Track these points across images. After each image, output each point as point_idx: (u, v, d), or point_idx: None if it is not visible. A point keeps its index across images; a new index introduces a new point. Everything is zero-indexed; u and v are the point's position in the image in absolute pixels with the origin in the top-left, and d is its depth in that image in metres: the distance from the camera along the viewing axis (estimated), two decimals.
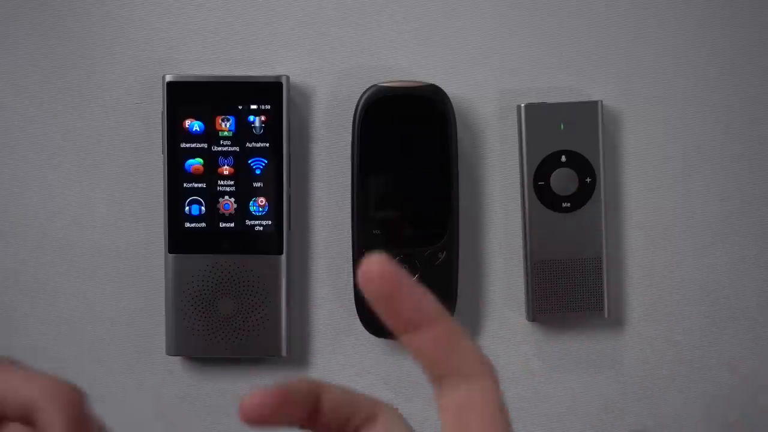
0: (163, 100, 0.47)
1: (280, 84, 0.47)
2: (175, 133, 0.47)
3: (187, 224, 0.47)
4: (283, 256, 0.48)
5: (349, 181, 0.48)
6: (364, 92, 0.47)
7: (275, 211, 0.47)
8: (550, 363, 0.50)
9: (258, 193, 0.47)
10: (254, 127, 0.47)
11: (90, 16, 0.50)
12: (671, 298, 0.50)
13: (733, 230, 0.50)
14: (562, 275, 0.49)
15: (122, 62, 0.50)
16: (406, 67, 0.49)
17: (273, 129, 0.47)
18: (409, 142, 0.47)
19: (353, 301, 0.48)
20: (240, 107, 0.47)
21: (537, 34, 0.50)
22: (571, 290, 0.49)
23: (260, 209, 0.47)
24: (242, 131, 0.47)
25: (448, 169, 0.47)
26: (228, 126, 0.47)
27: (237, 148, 0.47)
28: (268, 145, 0.47)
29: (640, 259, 0.50)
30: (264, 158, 0.47)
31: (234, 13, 0.50)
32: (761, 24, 0.50)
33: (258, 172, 0.47)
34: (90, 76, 0.50)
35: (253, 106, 0.47)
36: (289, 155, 0.48)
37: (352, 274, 0.48)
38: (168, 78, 0.47)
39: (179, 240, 0.47)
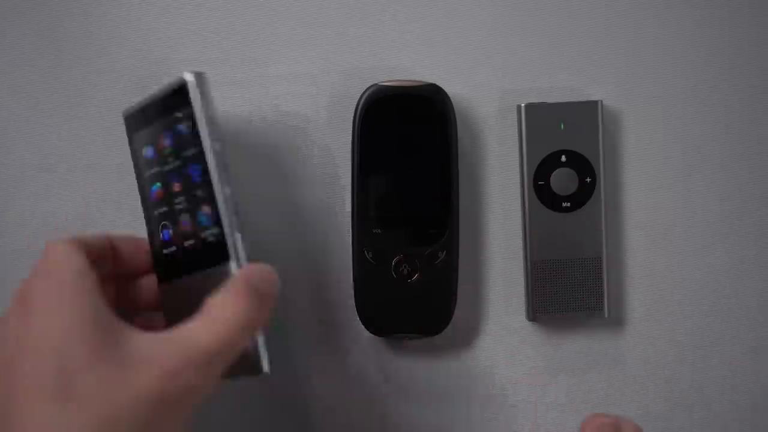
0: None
1: (184, 85, 0.41)
2: (138, 162, 0.44)
3: (165, 250, 0.43)
4: (233, 263, 0.40)
5: (350, 181, 0.48)
6: (365, 91, 0.47)
7: (216, 215, 0.41)
8: (550, 363, 0.50)
9: (202, 201, 0.41)
10: (184, 135, 0.42)
11: (87, 15, 0.50)
12: (672, 298, 0.50)
13: (733, 230, 0.50)
14: (562, 275, 0.49)
15: (119, 62, 0.50)
16: (407, 66, 0.49)
17: (195, 130, 0.41)
18: (409, 141, 0.47)
19: (353, 300, 0.48)
20: (169, 119, 0.42)
21: (538, 34, 0.50)
22: (571, 290, 0.49)
23: (206, 218, 0.41)
24: (179, 143, 0.42)
25: (449, 168, 0.47)
26: (168, 143, 0.43)
27: (179, 162, 0.42)
28: (198, 148, 0.41)
29: (640, 259, 0.51)
30: (198, 163, 0.41)
31: (234, 13, 0.50)
32: (761, 24, 0.50)
33: (197, 180, 0.42)
34: (86, 76, 0.50)
35: (178, 115, 0.42)
36: (218, 150, 0.41)
37: (352, 274, 0.48)
38: (125, 112, 0.45)
39: (162, 268, 0.44)
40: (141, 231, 0.49)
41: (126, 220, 0.50)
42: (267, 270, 0.38)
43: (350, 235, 0.48)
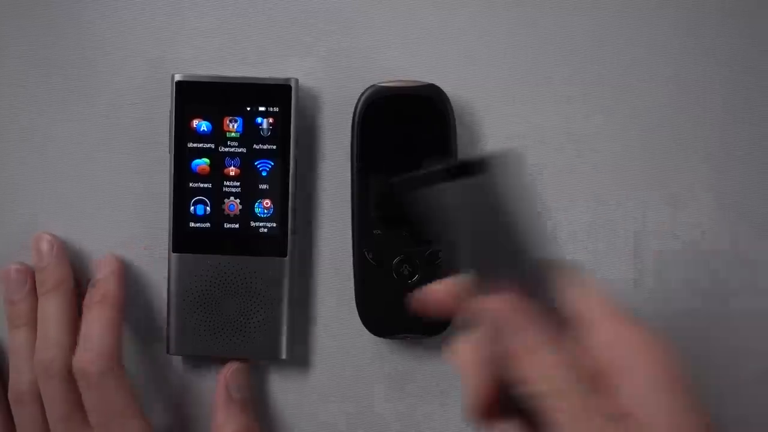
0: (172, 100, 0.47)
1: (289, 87, 0.47)
2: (182, 132, 0.47)
3: (192, 224, 0.48)
4: (287, 259, 0.48)
5: (349, 182, 0.48)
6: (363, 92, 0.47)
7: (280, 213, 0.48)
8: None
9: (263, 195, 0.48)
10: (262, 129, 0.47)
11: (93, 14, 0.50)
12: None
13: None
14: None
15: (129, 60, 0.50)
16: (408, 67, 0.50)
17: (280, 131, 0.47)
18: (408, 141, 0.47)
19: (354, 301, 0.48)
20: (248, 108, 0.47)
21: (538, 34, 0.50)
22: None
23: (265, 211, 0.48)
24: (250, 133, 0.47)
25: None
26: (235, 127, 0.47)
27: (244, 150, 0.47)
28: (275, 147, 0.47)
29: None
30: (271, 160, 0.47)
31: (235, 14, 0.50)
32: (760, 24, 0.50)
33: (264, 174, 0.47)
34: (95, 74, 0.50)
35: (261, 108, 0.47)
36: (296, 158, 0.48)
37: (353, 274, 0.48)
38: (177, 77, 0.47)
39: (183, 239, 0.48)
40: (147, 228, 0.50)
41: (130, 220, 0.50)
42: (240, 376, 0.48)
43: (350, 235, 0.48)
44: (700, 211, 0.50)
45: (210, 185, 0.47)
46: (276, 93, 0.47)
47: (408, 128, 0.47)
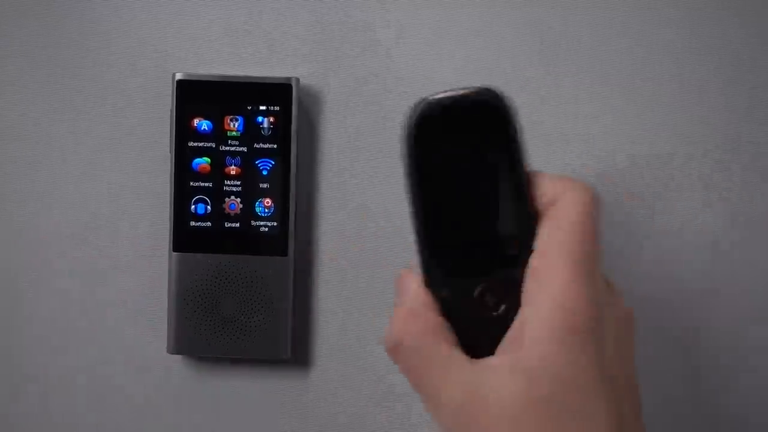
0: (173, 99, 0.47)
1: (290, 86, 0.47)
2: (183, 131, 0.47)
3: (193, 223, 0.48)
4: (288, 258, 0.48)
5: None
6: (413, 109, 0.33)
7: (281, 212, 0.48)
8: None
9: (264, 194, 0.48)
10: (262, 128, 0.47)
11: (96, 14, 0.50)
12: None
13: None
14: None
15: (131, 60, 0.50)
16: (409, 65, 0.49)
17: (281, 130, 0.47)
18: (472, 158, 0.34)
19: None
20: (249, 108, 0.47)
21: (543, 33, 0.50)
22: None
23: (266, 210, 0.48)
24: (250, 132, 0.47)
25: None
26: (236, 126, 0.47)
27: (245, 149, 0.47)
28: (276, 146, 0.47)
29: None
30: (271, 159, 0.47)
31: (236, 13, 0.50)
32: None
33: (265, 173, 0.47)
34: (98, 75, 0.50)
35: (262, 107, 0.47)
36: (297, 157, 0.48)
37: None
38: (178, 76, 0.47)
39: (184, 238, 0.48)
40: (147, 227, 0.50)
41: (132, 219, 0.50)
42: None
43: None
44: (703, 211, 0.50)
45: (211, 184, 0.47)
46: (277, 92, 0.47)
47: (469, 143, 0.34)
